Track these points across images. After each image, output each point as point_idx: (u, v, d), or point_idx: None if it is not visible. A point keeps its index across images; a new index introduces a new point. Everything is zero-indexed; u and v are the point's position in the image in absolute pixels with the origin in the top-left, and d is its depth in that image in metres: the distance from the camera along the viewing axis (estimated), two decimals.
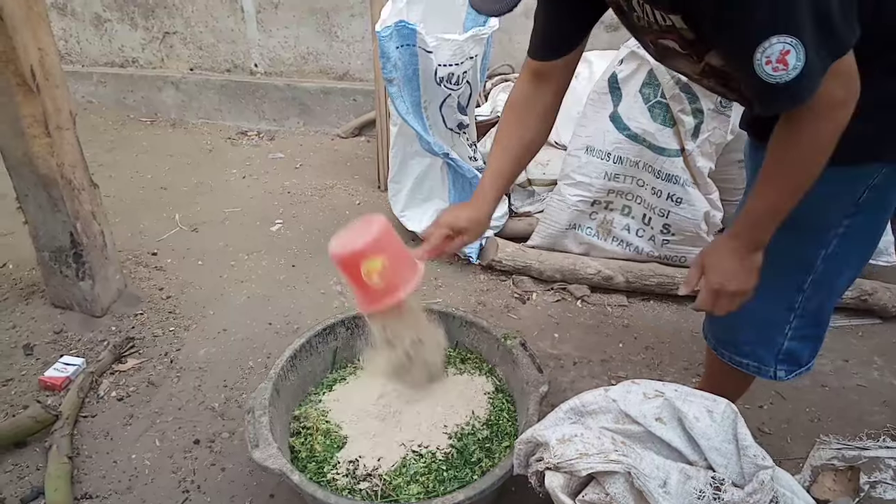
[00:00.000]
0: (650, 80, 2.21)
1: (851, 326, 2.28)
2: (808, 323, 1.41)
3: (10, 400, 1.95)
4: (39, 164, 1.99)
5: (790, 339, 1.42)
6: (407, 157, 2.64)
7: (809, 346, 1.46)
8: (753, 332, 1.45)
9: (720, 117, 2.18)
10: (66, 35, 4.23)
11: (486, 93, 3.47)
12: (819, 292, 1.36)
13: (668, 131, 2.24)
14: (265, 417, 1.50)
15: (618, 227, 2.51)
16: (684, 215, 2.34)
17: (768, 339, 1.44)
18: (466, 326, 1.89)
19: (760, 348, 1.45)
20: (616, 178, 2.41)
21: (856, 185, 1.24)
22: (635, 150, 2.32)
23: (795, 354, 1.45)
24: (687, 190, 2.30)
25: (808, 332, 1.43)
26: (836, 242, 1.29)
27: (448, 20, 2.60)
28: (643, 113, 2.25)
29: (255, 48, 3.99)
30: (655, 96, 2.21)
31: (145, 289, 2.46)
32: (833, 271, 1.34)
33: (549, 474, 1.17)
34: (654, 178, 2.33)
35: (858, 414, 1.93)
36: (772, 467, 1.15)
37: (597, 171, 2.40)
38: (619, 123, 2.31)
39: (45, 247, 2.18)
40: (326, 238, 2.77)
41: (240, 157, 3.69)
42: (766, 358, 1.45)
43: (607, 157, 2.37)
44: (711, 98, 2.13)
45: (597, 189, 2.44)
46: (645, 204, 2.42)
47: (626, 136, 2.31)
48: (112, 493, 1.67)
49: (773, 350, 1.44)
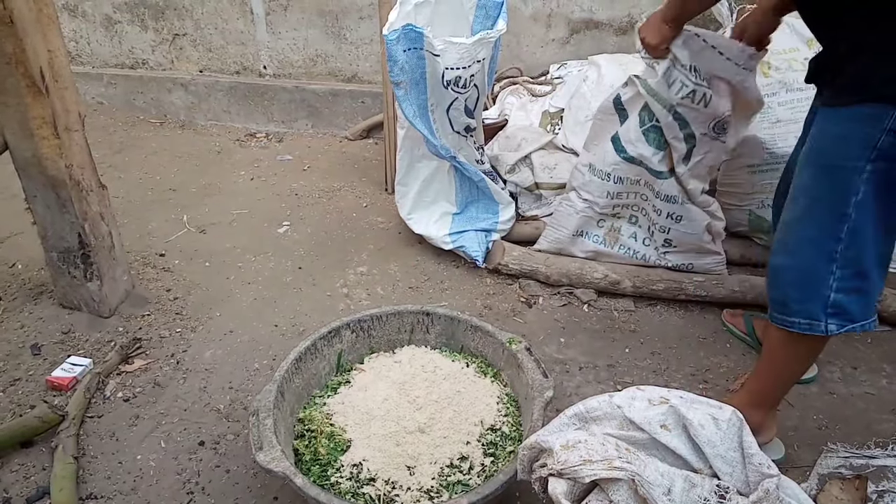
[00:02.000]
0: (645, 106, 2.20)
1: (859, 333, 2.26)
2: (851, 274, 1.44)
3: (17, 399, 1.96)
4: (48, 166, 2.00)
5: (836, 291, 1.45)
6: (414, 160, 2.64)
7: (858, 300, 1.47)
8: (801, 289, 1.49)
9: (714, 143, 2.16)
10: (76, 36, 4.26)
11: (493, 96, 3.48)
12: (856, 240, 1.41)
13: (661, 154, 2.23)
14: (269, 420, 1.50)
15: (625, 235, 2.50)
16: (685, 231, 2.33)
17: (814, 293, 1.47)
18: (472, 330, 1.89)
19: (809, 303, 1.48)
20: (619, 195, 2.40)
21: (869, 127, 1.32)
22: (634, 170, 2.31)
23: (844, 307, 1.47)
24: (686, 207, 2.29)
25: (852, 285, 1.45)
26: (864, 189, 1.35)
27: (456, 23, 2.60)
28: (639, 137, 2.24)
29: (264, 50, 4.00)
30: (650, 120, 2.20)
31: (153, 290, 2.47)
32: (866, 218, 1.38)
33: (553, 480, 1.17)
34: (654, 196, 2.32)
35: (866, 422, 1.91)
36: (777, 476, 1.14)
37: (599, 189, 2.40)
38: (617, 146, 2.30)
39: (53, 247, 2.19)
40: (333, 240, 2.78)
41: (248, 158, 3.71)
42: (815, 312, 1.48)
43: (608, 178, 2.37)
44: (705, 125, 2.12)
45: (602, 206, 2.44)
46: (648, 217, 2.41)
47: (623, 158, 2.30)
48: (117, 494, 1.68)
49: (821, 303, 1.47)
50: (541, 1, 3.50)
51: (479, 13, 2.61)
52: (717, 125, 2.11)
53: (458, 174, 2.64)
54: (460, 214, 2.73)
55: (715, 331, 2.31)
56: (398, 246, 2.81)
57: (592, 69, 3.13)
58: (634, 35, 2.09)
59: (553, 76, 3.41)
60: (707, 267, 2.42)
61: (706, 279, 2.38)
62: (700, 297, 2.38)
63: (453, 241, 2.63)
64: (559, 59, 3.55)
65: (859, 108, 1.33)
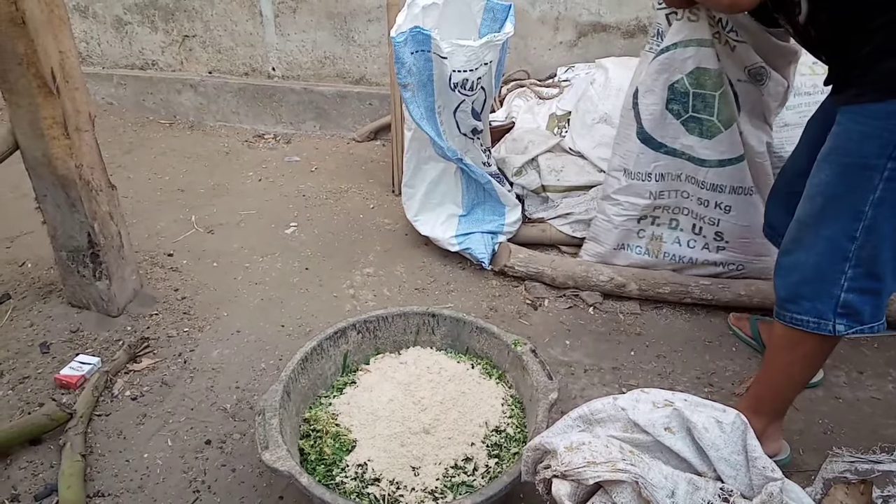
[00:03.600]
0: (674, 97, 2.17)
1: (867, 338, 2.26)
2: (864, 273, 1.43)
3: (25, 397, 1.98)
4: (58, 165, 2.02)
5: (846, 291, 1.45)
6: (421, 162, 2.65)
7: (869, 301, 1.47)
8: (812, 287, 1.48)
9: (754, 89, 2.12)
10: (87, 37, 4.29)
11: (501, 98, 3.48)
12: (871, 239, 1.40)
13: (706, 143, 2.20)
14: (275, 419, 1.51)
15: (668, 242, 2.46)
16: (735, 222, 2.30)
17: (825, 292, 1.46)
18: (477, 332, 1.90)
19: (819, 302, 1.47)
20: (661, 195, 2.37)
21: (891, 125, 1.31)
22: (676, 164, 2.28)
23: (854, 308, 1.46)
24: (734, 197, 2.25)
25: (864, 285, 1.45)
26: (883, 187, 1.35)
27: (463, 26, 2.60)
28: (678, 129, 2.22)
29: (273, 52, 4.02)
30: (687, 112, 2.18)
31: (161, 289, 2.49)
32: (883, 217, 1.38)
33: (557, 482, 1.17)
34: (697, 188, 2.29)
35: (872, 426, 1.91)
36: (781, 479, 1.14)
37: (640, 191, 2.37)
38: (652, 143, 2.27)
39: (62, 246, 2.21)
40: (340, 241, 2.79)
41: (256, 159, 3.72)
42: (824, 311, 1.47)
43: (648, 178, 2.34)
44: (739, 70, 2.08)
45: (642, 208, 2.41)
46: (693, 214, 2.37)
47: (663, 153, 2.27)
48: (124, 492, 1.69)
49: (831, 303, 1.46)
50: (548, 4, 3.50)
51: (486, 16, 2.61)
52: (752, 70, 2.07)
53: (465, 176, 2.65)
54: (467, 216, 2.73)
55: (721, 334, 2.30)
56: (404, 247, 2.82)
57: (600, 72, 3.14)
58: None
59: (560, 79, 3.42)
60: (761, 271, 2.37)
61: (712, 283, 2.38)
62: (706, 300, 2.37)
63: (459, 243, 2.64)
64: (567, 61, 3.56)
65: (884, 105, 1.33)
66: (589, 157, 2.92)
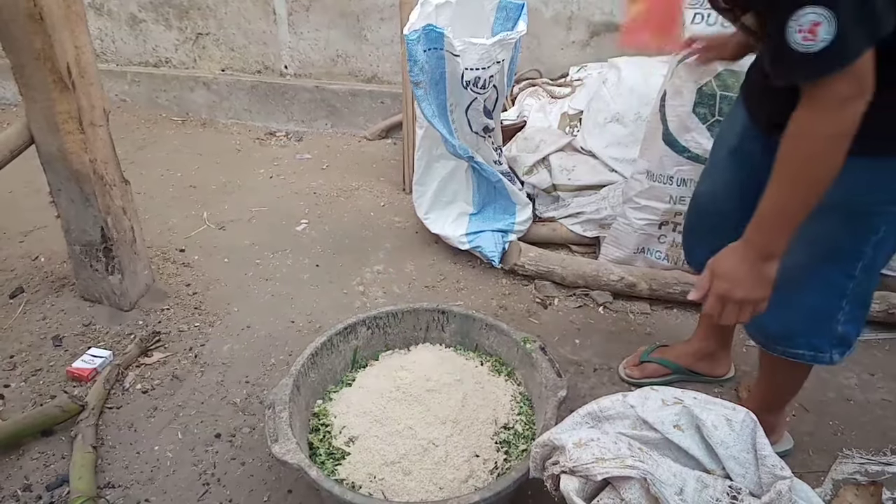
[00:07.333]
0: (701, 100, 2.16)
1: (878, 340, 2.24)
2: (858, 305, 1.43)
3: (38, 389, 2.00)
4: (73, 160, 2.04)
5: (843, 324, 1.44)
6: (432, 160, 2.66)
7: (857, 326, 1.46)
8: (808, 325, 1.46)
9: None
10: (101, 34, 4.32)
11: (513, 97, 3.48)
12: (867, 276, 1.38)
13: None
14: (285, 413, 1.52)
15: None
16: None
17: (823, 329, 1.45)
18: (486, 329, 1.90)
19: (816, 338, 1.46)
20: (681, 200, 2.35)
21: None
22: (698, 170, 2.26)
23: (847, 337, 1.46)
24: None
25: (856, 314, 1.44)
26: (885, 228, 1.31)
27: (476, 24, 2.61)
28: (702, 133, 2.21)
29: (286, 50, 4.04)
30: (713, 115, 2.17)
31: (172, 284, 2.50)
32: (880, 256, 1.36)
33: (565, 478, 1.17)
34: None
35: (883, 428, 1.90)
36: (790, 478, 1.14)
37: (661, 195, 2.37)
38: (676, 146, 2.26)
39: (76, 241, 2.23)
40: (350, 239, 2.80)
41: (268, 157, 3.74)
42: (822, 346, 1.46)
43: (670, 181, 2.33)
44: None
45: (662, 212, 2.40)
46: None
47: (686, 157, 2.26)
48: (134, 484, 1.70)
49: (828, 337, 1.45)
50: (561, 3, 3.50)
51: (499, 14, 2.61)
52: None
53: (476, 175, 2.65)
54: (477, 215, 2.73)
55: None
56: (415, 245, 2.83)
57: (612, 72, 3.12)
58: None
59: (573, 78, 3.41)
60: None
61: None
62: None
63: (470, 242, 2.64)
64: (579, 61, 3.55)
65: (889, 160, 1.24)
66: (600, 157, 2.92)
